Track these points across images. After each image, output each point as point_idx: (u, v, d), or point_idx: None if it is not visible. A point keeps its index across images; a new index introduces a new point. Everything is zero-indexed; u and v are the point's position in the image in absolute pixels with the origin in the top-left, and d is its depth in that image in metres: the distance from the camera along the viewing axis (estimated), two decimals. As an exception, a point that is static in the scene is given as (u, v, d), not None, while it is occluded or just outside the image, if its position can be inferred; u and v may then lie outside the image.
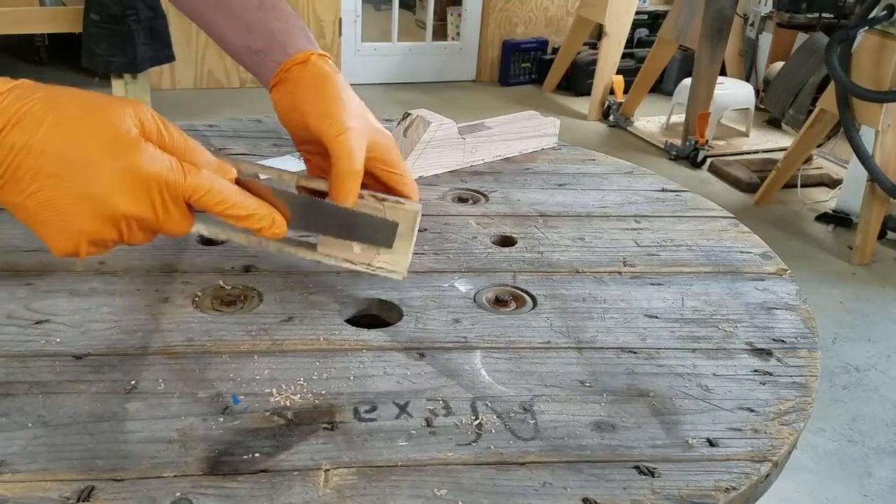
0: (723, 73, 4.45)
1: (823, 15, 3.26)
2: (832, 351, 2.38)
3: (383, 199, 0.74)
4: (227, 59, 4.27)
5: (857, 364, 2.32)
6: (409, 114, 1.10)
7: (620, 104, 4.23)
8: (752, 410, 0.68)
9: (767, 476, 0.63)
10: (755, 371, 0.73)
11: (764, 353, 0.75)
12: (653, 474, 0.60)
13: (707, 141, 3.76)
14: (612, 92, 4.32)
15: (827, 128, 3.16)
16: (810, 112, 3.20)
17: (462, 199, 1.04)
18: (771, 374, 0.73)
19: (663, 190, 1.11)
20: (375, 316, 0.80)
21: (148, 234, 0.63)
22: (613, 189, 1.10)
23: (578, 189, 1.09)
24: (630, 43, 4.80)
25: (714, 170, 3.70)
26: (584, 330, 0.77)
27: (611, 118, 4.25)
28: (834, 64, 2.82)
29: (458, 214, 0.99)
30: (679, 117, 4.03)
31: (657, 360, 0.74)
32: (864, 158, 2.84)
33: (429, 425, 0.63)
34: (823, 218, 3.25)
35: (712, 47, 3.71)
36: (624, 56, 4.54)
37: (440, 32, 5.10)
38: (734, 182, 3.57)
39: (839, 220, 3.21)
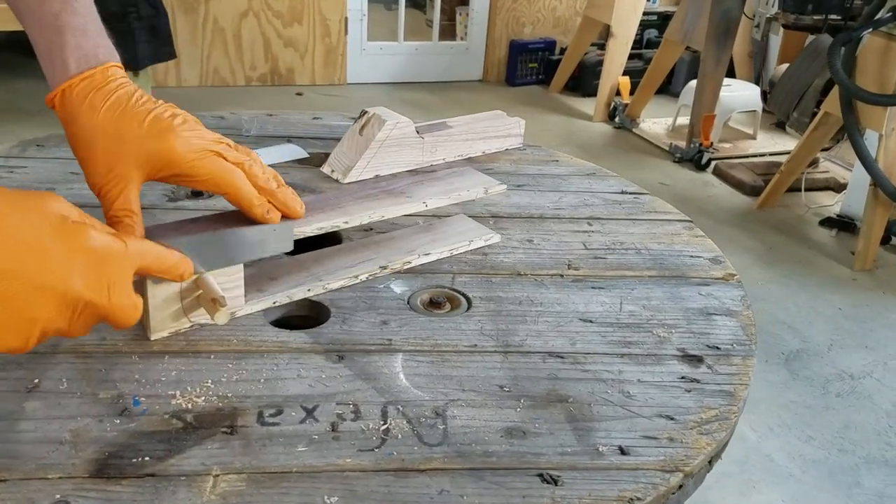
0: (732, 74, 4.42)
1: (830, 17, 3.21)
2: (827, 358, 2.34)
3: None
4: (232, 57, 4.28)
5: (852, 371, 2.28)
6: (365, 112, 1.08)
7: (626, 105, 4.19)
8: (672, 418, 0.66)
9: (681, 487, 0.61)
10: (682, 378, 0.71)
11: (695, 360, 0.73)
12: (556, 482, 0.58)
13: (711, 143, 3.72)
14: (618, 93, 4.28)
15: (831, 131, 3.11)
16: (815, 115, 3.15)
17: (415, 199, 1.02)
18: (698, 382, 0.71)
19: (622, 192, 1.09)
20: (308, 317, 0.78)
21: (91, 323, 0.58)
22: (572, 191, 1.08)
23: (536, 190, 1.07)
24: (639, 44, 4.76)
25: (718, 172, 3.65)
26: (514, 333, 0.76)
27: (616, 119, 4.21)
28: (837, 66, 2.77)
29: (409, 214, 0.98)
30: (685, 119, 3.98)
31: (583, 366, 0.72)
32: (868, 162, 2.79)
33: (334, 430, 0.61)
34: (827, 222, 3.20)
35: (718, 49, 3.67)
36: (632, 57, 4.50)
37: (449, 32, 5.09)
38: (738, 185, 3.53)
39: (843, 224, 3.16)
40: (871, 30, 2.79)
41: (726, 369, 0.73)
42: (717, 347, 0.76)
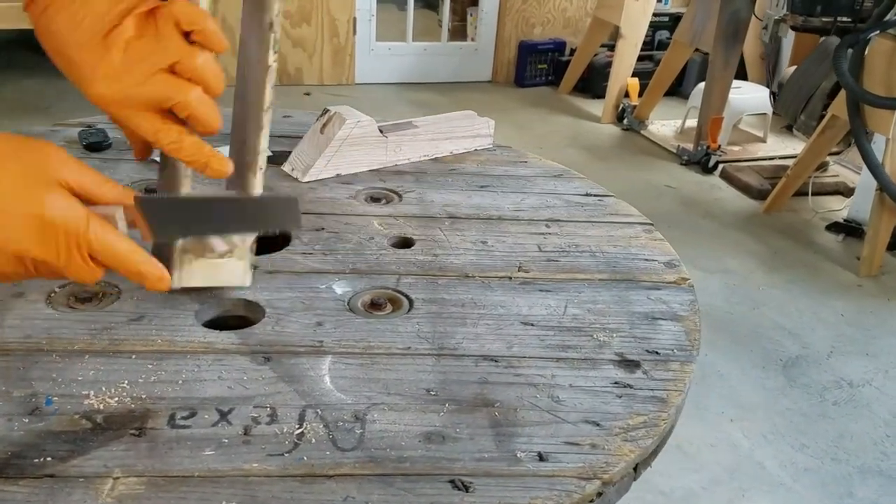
0: (743, 77, 4.37)
1: (839, 18, 3.16)
2: (826, 365, 2.30)
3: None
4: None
5: (852, 379, 2.24)
6: (327, 110, 1.07)
7: (635, 107, 4.16)
8: (598, 424, 0.64)
9: (600, 495, 0.59)
10: (615, 383, 0.69)
11: (632, 365, 0.72)
12: (467, 489, 0.57)
13: (719, 146, 3.68)
14: (627, 95, 4.25)
15: (839, 135, 3.07)
16: (822, 118, 3.11)
17: (374, 199, 1.01)
18: (631, 387, 0.69)
19: (587, 194, 1.07)
20: (244, 318, 0.77)
21: (53, 275, 0.60)
22: (536, 192, 1.06)
23: (499, 191, 1.06)
24: (650, 45, 4.73)
25: (725, 175, 3.61)
26: (451, 336, 0.74)
27: (625, 121, 4.18)
28: (842, 69, 2.73)
29: (363, 214, 0.97)
30: (694, 121, 3.94)
31: (516, 370, 0.70)
32: (874, 167, 2.75)
33: (246, 434, 0.60)
34: (834, 227, 3.15)
35: (727, 50, 3.63)
36: (642, 59, 4.47)
37: (460, 33, 5.08)
38: (745, 188, 3.49)
39: (850, 229, 3.11)
40: (878, 32, 2.74)
41: (662, 375, 0.71)
42: (657, 353, 0.74)
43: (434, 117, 1.16)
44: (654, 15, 4.67)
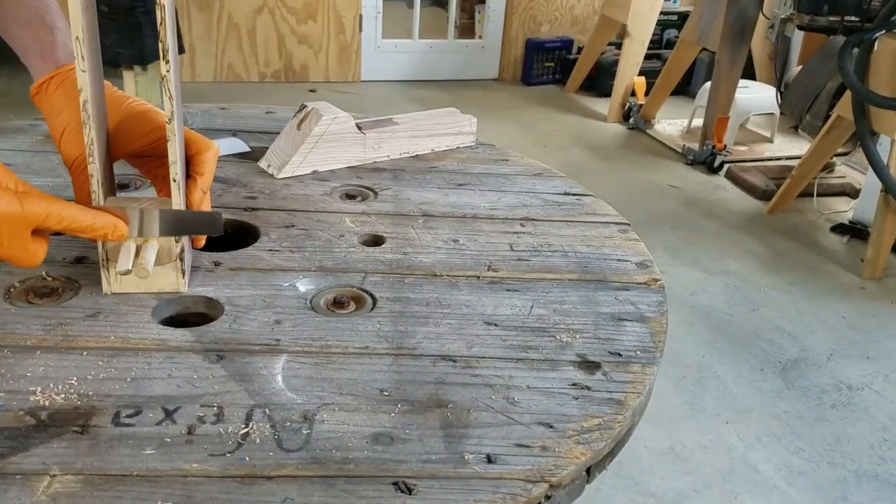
0: (752, 76, 4.34)
1: (846, 18, 3.12)
2: (825, 368, 2.28)
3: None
4: (246, 53, 4.30)
5: (851, 382, 2.21)
6: (304, 106, 1.06)
7: (641, 106, 4.14)
8: (551, 426, 0.63)
9: (549, 497, 0.58)
10: (574, 385, 0.68)
11: (592, 367, 0.70)
12: (410, 491, 0.56)
13: (725, 146, 3.65)
14: (633, 94, 4.23)
15: (844, 135, 3.03)
16: (828, 118, 3.08)
17: (350, 196, 1.01)
18: (589, 389, 0.68)
19: (565, 193, 1.06)
20: (204, 315, 0.77)
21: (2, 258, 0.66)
22: (514, 191, 1.05)
23: (477, 189, 1.05)
24: (658, 44, 4.70)
25: (730, 176, 3.59)
26: (411, 336, 0.73)
27: (631, 120, 4.16)
28: (847, 69, 2.70)
29: (336, 211, 0.96)
30: (701, 121, 3.91)
31: (474, 370, 0.69)
32: (878, 168, 2.72)
33: (190, 433, 0.59)
34: (839, 229, 3.12)
35: (733, 49, 3.60)
36: (650, 57, 4.44)
37: (469, 30, 5.07)
38: (749, 189, 3.46)
39: (855, 231, 3.08)
40: (884, 31, 2.71)
41: (622, 377, 0.69)
42: (619, 354, 0.73)
43: (415, 114, 1.15)
44: (663, 13, 4.65)
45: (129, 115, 0.79)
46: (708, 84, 3.80)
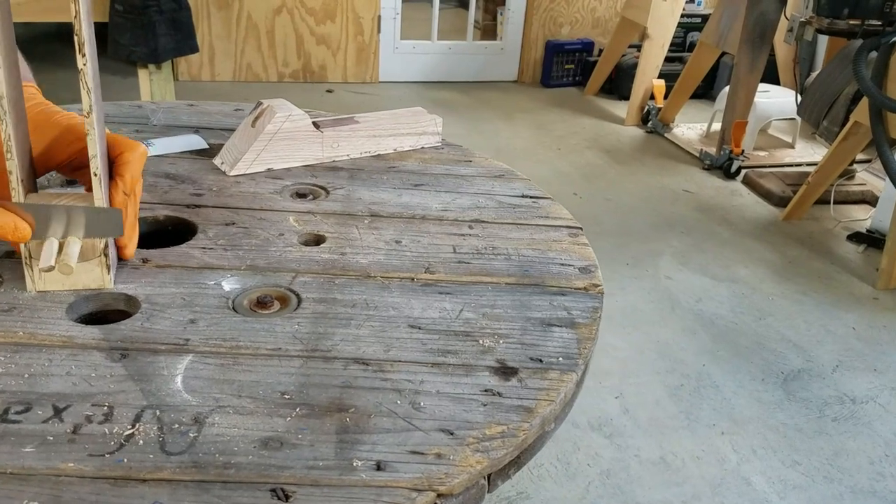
0: (776, 81, 4.26)
1: (868, 22, 3.05)
2: (830, 379, 2.22)
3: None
4: (265, 53, 4.32)
5: (855, 395, 2.15)
6: (260, 103, 1.05)
7: (660, 109, 4.08)
8: (451, 433, 0.61)
9: (435, 509, 0.56)
10: (485, 391, 0.66)
11: (509, 373, 0.68)
12: (287, 498, 0.54)
13: (742, 151, 3.59)
14: (652, 97, 4.17)
15: (862, 142, 2.96)
16: (845, 124, 3.00)
17: (301, 195, 0.99)
18: (500, 396, 0.65)
19: (523, 196, 1.03)
20: (124, 312, 0.76)
21: None
22: (471, 192, 1.03)
23: (433, 190, 1.03)
24: (681, 47, 4.64)
25: (747, 181, 3.52)
26: (329, 338, 0.71)
27: (649, 124, 4.10)
28: (862, 73, 2.63)
29: (281, 210, 0.94)
30: (720, 125, 3.85)
31: (386, 374, 0.67)
32: (894, 176, 2.65)
33: (74, 432, 0.58)
34: (855, 237, 3.05)
35: (753, 53, 3.54)
36: (672, 60, 4.39)
37: (491, 32, 5.05)
38: (766, 195, 3.39)
39: (872, 240, 3.00)
40: (902, 35, 2.64)
41: (538, 384, 0.67)
42: (541, 360, 0.70)
43: (378, 113, 1.13)
44: (687, 16, 4.60)
45: (55, 128, 0.78)
46: (728, 88, 3.74)
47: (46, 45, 4.79)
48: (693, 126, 4.13)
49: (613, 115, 4.32)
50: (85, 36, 0.68)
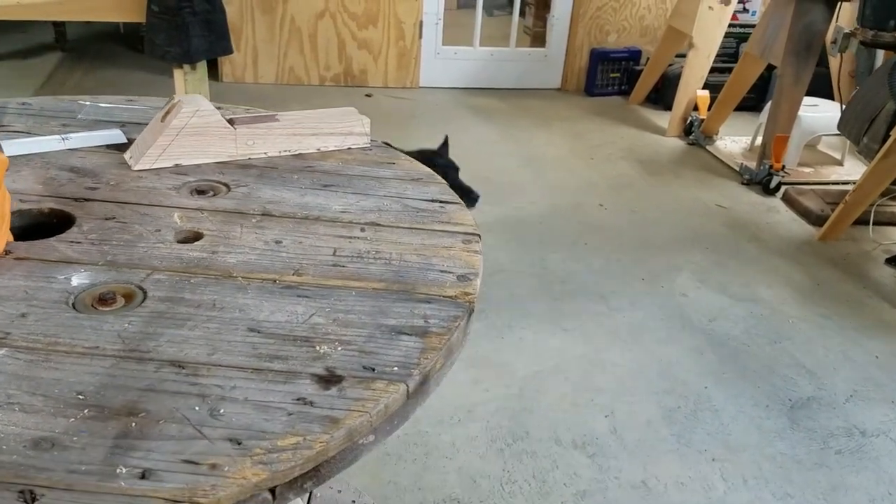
0: (829, 95, 4.09)
1: (916, 33, 2.90)
2: (840, 409, 2.09)
3: None
4: (307, 56, 4.35)
5: (865, 427, 2.03)
6: (172, 98, 1.04)
7: (703, 121, 3.96)
8: (239, 443, 0.57)
9: (188, 525, 0.52)
10: (298, 399, 0.62)
11: (332, 381, 0.64)
12: (33, 501, 0.51)
13: (783, 167, 3.45)
14: (696, 108, 4.05)
15: (904, 159, 2.81)
16: (886, 140, 2.85)
17: (200, 192, 0.97)
18: (311, 405, 0.62)
19: (433, 200, 0.99)
20: (-28, 302, 0.74)
21: None
22: (380, 195, 0.99)
23: (340, 192, 0.99)
24: (733, 57, 4.50)
25: (787, 198, 3.38)
26: (154, 338, 0.69)
27: (692, 135, 3.98)
28: (899, 87, 2.50)
29: (170, 206, 0.92)
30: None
31: (197, 379, 0.64)
32: (932, 196, 2.50)
33: None
34: (894, 261, 2.88)
35: (798, 65, 3.40)
36: (722, 71, 4.25)
37: (541, 38, 4.98)
38: (804, 213, 3.25)
39: (912, 264, 2.84)
40: (945, 48, 2.49)
41: (358, 394, 0.63)
42: (373, 369, 0.66)
43: (302, 112, 1.11)
44: (739, 26, 4.46)
45: None
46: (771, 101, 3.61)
47: (102, 44, 4.93)
48: (738, 139, 3.99)
49: (655, 125, 4.21)
50: None
